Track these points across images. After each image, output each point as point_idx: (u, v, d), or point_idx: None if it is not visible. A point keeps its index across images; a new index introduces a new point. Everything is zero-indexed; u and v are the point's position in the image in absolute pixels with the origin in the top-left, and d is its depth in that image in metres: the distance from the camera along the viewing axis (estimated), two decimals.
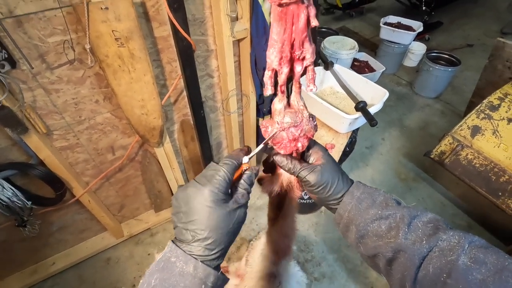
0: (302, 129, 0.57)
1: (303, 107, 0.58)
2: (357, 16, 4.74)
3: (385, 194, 0.57)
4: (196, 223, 0.45)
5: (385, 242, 0.51)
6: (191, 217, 0.45)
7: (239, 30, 1.35)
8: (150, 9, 1.15)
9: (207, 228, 0.45)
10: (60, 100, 1.18)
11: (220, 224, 0.46)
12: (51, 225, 1.58)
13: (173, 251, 0.44)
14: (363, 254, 0.56)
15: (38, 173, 1.18)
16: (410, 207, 0.54)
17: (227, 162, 0.51)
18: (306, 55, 0.51)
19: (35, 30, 0.99)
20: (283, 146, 0.58)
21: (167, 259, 0.44)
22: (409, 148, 2.58)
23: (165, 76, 1.39)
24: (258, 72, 1.54)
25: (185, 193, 0.47)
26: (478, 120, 1.90)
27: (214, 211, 0.45)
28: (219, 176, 0.48)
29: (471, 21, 4.60)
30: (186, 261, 0.43)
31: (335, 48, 2.74)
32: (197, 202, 0.46)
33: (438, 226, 0.50)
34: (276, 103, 0.57)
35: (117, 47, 1.06)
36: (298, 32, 0.48)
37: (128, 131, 1.46)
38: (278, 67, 0.52)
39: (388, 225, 0.52)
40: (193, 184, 0.48)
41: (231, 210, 0.47)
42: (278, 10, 0.46)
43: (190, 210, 0.46)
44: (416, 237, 0.49)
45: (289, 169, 0.58)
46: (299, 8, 0.45)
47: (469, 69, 3.42)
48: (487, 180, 1.82)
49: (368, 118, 1.26)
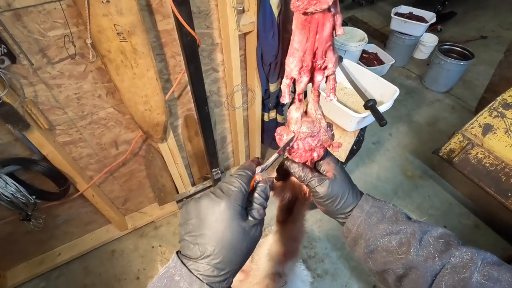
0: (319, 139, 0.55)
1: (321, 116, 0.55)
2: (367, 5, 4.59)
3: (395, 207, 0.56)
4: (206, 237, 0.41)
5: (396, 258, 0.50)
6: (202, 231, 0.41)
7: (245, 24, 1.30)
8: (153, 1, 1.11)
9: (219, 245, 0.41)
10: (62, 95, 1.16)
11: (233, 241, 0.42)
12: (57, 218, 1.59)
13: (177, 269, 0.41)
14: (372, 269, 0.54)
15: (41, 169, 1.18)
16: (420, 222, 0.53)
17: (241, 173, 0.47)
18: (328, 64, 0.48)
19: (34, 23, 0.95)
20: (298, 155, 0.56)
21: (171, 277, 0.40)
22: (416, 145, 2.53)
23: (169, 71, 1.35)
24: (264, 67, 1.50)
25: (197, 205, 0.43)
26: (491, 118, 1.84)
27: (229, 226, 0.42)
28: (235, 188, 0.44)
29: (486, 12, 4.42)
30: (191, 283, 0.40)
31: (344, 40, 2.66)
32: (211, 215, 0.42)
33: (449, 241, 0.49)
34: (292, 111, 0.54)
35: (119, 42, 1.02)
36: (322, 41, 0.44)
37: (132, 126, 1.44)
38: (297, 76, 0.50)
39: (399, 240, 0.50)
40: (208, 196, 0.44)
41: (247, 227, 0.43)
42: (301, 18, 0.43)
43: (202, 222, 0.42)
44: (428, 253, 0.48)
45: (299, 177, 0.56)
46: (325, 16, 0.42)
47: (482, 63, 3.31)
48: (496, 180, 1.78)
49: (378, 117, 1.22)
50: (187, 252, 0.42)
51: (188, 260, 0.42)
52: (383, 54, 3.12)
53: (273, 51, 1.41)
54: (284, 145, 0.55)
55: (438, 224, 1.97)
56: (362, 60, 3.06)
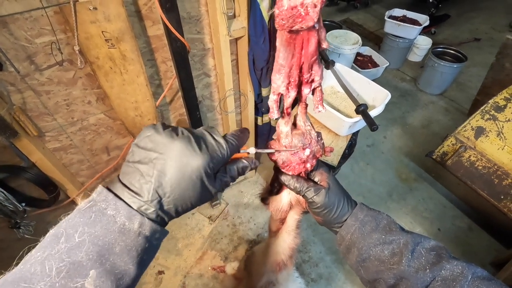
0: (311, 150, 0.55)
1: (310, 127, 0.56)
2: (361, 8, 4.61)
3: (388, 217, 0.57)
4: (165, 178, 0.37)
5: (388, 267, 0.51)
6: (163, 170, 0.36)
7: (236, 29, 1.30)
8: (142, 7, 1.10)
9: (175, 190, 0.37)
10: (51, 102, 1.15)
11: (189, 194, 0.39)
12: (48, 224, 1.57)
13: (109, 202, 0.35)
14: (364, 277, 0.55)
15: (30, 176, 1.16)
16: (413, 233, 0.54)
17: (233, 143, 0.44)
18: (315, 77, 0.49)
19: (21, 30, 0.94)
20: (292, 168, 0.56)
21: (100, 211, 0.35)
22: (411, 147, 2.54)
23: (160, 76, 1.35)
24: (256, 71, 1.50)
25: (171, 142, 0.37)
26: (483, 121, 1.85)
27: (194, 182, 0.38)
28: (221, 154, 0.41)
29: (480, 14, 4.46)
30: (130, 217, 0.35)
31: (338, 43, 2.66)
32: (183, 163, 0.37)
33: (441, 254, 0.50)
34: (282, 125, 0.54)
35: (108, 49, 1.02)
36: (307, 56, 0.45)
37: (123, 132, 1.43)
38: (285, 92, 0.50)
39: (391, 250, 0.51)
40: (188, 140, 0.38)
41: (207, 190, 0.41)
42: (286, 36, 0.43)
43: (168, 163, 0.37)
44: (419, 264, 0.49)
45: (295, 188, 0.56)
46: (310, 33, 0.42)
47: (475, 65, 3.33)
48: (489, 183, 1.79)
49: (369, 122, 1.22)
50: (130, 179, 0.37)
51: (123, 190, 0.37)
52: (378, 56, 3.13)
53: (264, 56, 1.41)
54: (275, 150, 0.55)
55: (432, 227, 1.98)
56: (356, 62, 3.07)
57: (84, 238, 0.33)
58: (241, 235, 1.94)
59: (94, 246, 0.33)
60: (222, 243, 1.91)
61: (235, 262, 1.77)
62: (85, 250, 0.32)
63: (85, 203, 0.36)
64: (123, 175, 0.38)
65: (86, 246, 0.32)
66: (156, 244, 0.39)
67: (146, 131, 0.39)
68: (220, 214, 2.05)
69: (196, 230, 1.96)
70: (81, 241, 0.33)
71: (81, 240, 0.33)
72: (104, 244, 0.33)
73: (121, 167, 0.39)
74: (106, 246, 0.33)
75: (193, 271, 1.78)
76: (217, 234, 1.95)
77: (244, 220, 2.02)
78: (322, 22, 0.43)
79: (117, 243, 0.34)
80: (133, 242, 0.35)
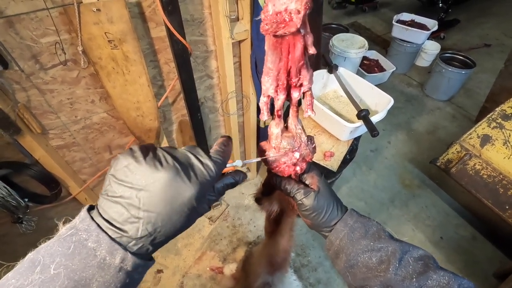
0: (301, 153, 0.56)
1: (301, 130, 0.56)
2: (370, 11, 4.58)
3: (378, 225, 0.57)
4: (155, 217, 0.34)
5: (374, 275, 0.51)
6: (152, 207, 0.34)
7: (239, 32, 1.31)
8: (146, 9, 1.11)
9: (166, 226, 0.35)
10: (55, 100, 1.17)
11: (181, 226, 0.37)
12: (50, 220, 1.60)
13: (91, 233, 0.33)
14: (351, 283, 0.55)
15: (32, 173, 1.18)
16: (402, 242, 0.54)
17: (219, 161, 0.41)
18: (303, 82, 0.49)
19: (27, 30, 0.97)
20: (281, 170, 0.57)
21: (81, 242, 0.32)
22: (415, 153, 2.50)
23: (162, 77, 1.36)
24: (258, 74, 1.50)
25: (155, 173, 0.34)
26: (489, 129, 1.81)
27: (187, 215, 0.37)
28: (210, 178, 0.39)
29: (490, 19, 4.39)
30: (111, 252, 0.33)
31: (344, 47, 2.65)
32: (171, 199, 0.34)
33: (428, 264, 0.50)
34: (273, 127, 0.55)
35: (111, 50, 1.03)
36: (294, 60, 0.45)
37: (125, 131, 1.44)
38: (274, 94, 0.51)
39: (379, 258, 0.51)
40: (174, 172, 0.35)
41: (199, 214, 0.40)
42: (272, 40, 0.44)
43: (154, 200, 0.34)
44: (406, 273, 0.49)
45: (285, 189, 0.57)
46: (296, 38, 0.43)
47: (484, 71, 3.27)
48: (494, 192, 1.75)
49: (370, 128, 1.21)
50: (113, 215, 0.34)
51: (105, 222, 0.34)
52: (384, 61, 3.11)
53: None
54: (265, 157, 0.56)
55: (434, 235, 1.95)
56: (362, 67, 3.05)
57: (60, 271, 0.31)
58: (240, 237, 1.94)
59: (70, 281, 0.31)
60: (221, 244, 1.91)
61: (234, 263, 1.77)
62: (59, 285, 0.30)
63: (66, 230, 0.34)
64: (104, 211, 0.35)
65: (61, 281, 0.30)
66: (138, 278, 0.37)
67: (123, 160, 0.35)
68: (220, 215, 2.05)
69: (196, 230, 1.97)
70: (57, 274, 0.30)
71: (56, 273, 0.31)
72: (80, 279, 0.31)
73: (99, 200, 0.36)
74: (83, 282, 0.31)
75: (192, 271, 1.79)
76: (217, 235, 1.95)
77: (244, 221, 2.02)
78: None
79: (95, 278, 0.32)
80: (113, 278, 0.33)
